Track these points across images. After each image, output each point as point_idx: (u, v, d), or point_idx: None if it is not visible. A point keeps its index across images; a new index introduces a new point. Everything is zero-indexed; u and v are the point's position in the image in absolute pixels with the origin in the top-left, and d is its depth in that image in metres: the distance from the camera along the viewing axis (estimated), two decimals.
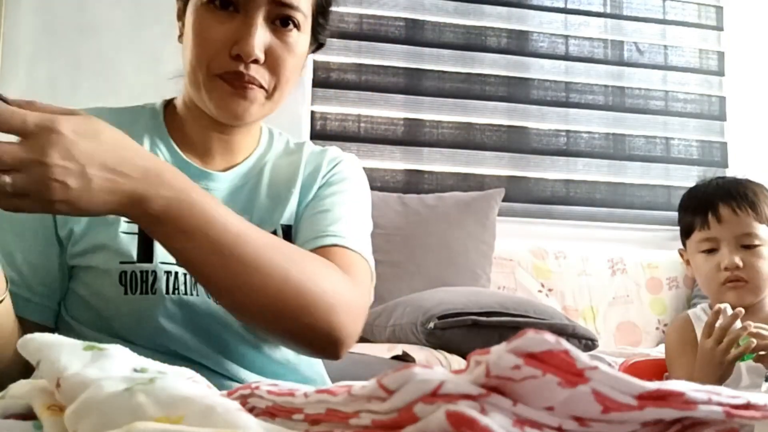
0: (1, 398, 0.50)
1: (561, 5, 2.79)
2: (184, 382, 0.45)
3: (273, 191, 1.02)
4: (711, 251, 1.52)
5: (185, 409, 0.40)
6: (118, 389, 0.42)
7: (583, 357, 0.32)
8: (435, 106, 2.63)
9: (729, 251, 1.49)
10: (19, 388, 0.50)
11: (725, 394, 0.36)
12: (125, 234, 0.91)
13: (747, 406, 0.36)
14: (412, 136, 2.60)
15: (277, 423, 0.42)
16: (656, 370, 1.55)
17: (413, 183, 2.56)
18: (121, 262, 0.89)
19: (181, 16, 0.98)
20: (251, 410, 0.44)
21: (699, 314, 1.55)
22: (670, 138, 2.82)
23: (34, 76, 2.20)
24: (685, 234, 1.59)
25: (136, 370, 0.47)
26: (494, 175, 2.65)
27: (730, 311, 1.35)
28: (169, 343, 0.90)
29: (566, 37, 2.78)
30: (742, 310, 1.35)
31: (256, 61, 0.90)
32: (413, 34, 2.63)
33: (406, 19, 2.63)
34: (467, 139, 2.64)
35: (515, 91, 2.70)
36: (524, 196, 2.65)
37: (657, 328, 2.41)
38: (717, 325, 1.36)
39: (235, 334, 0.93)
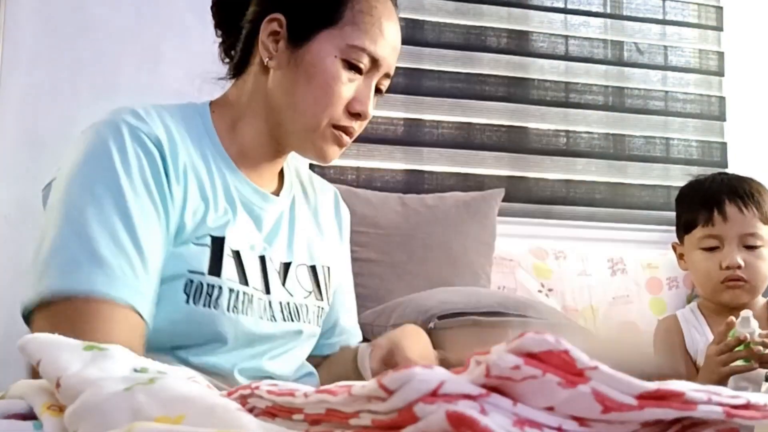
0: (1, 398, 0.50)
1: (561, 5, 2.78)
2: (184, 382, 0.45)
3: (308, 227, 1.10)
4: (712, 249, 1.51)
5: (185, 408, 0.40)
6: (118, 389, 0.42)
7: (583, 357, 0.32)
8: (435, 106, 2.62)
9: (731, 250, 1.48)
10: (19, 388, 0.50)
11: (725, 394, 0.36)
12: (195, 245, 0.92)
13: (747, 406, 0.36)
14: (412, 136, 2.59)
15: (277, 423, 0.42)
16: None
17: (413, 183, 2.56)
18: (190, 271, 0.90)
19: (277, 40, 1.01)
20: (251, 410, 0.44)
21: (687, 315, 1.54)
22: (670, 138, 2.82)
23: (34, 76, 2.19)
24: (685, 229, 1.57)
25: (136, 370, 0.47)
26: (494, 175, 2.64)
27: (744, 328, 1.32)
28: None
29: (566, 37, 2.78)
30: (762, 349, 1.31)
31: (363, 120, 1.02)
32: (413, 34, 2.63)
33: (406, 19, 2.62)
34: (467, 139, 2.64)
35: (515, 91, 2.70)
36: (524, 196, 2.65)
37: None
38: (728, 337, 1.32)
39: (274, 357, 0.99)
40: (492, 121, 2.67)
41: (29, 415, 0.48)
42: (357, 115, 1.00)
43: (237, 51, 1.06)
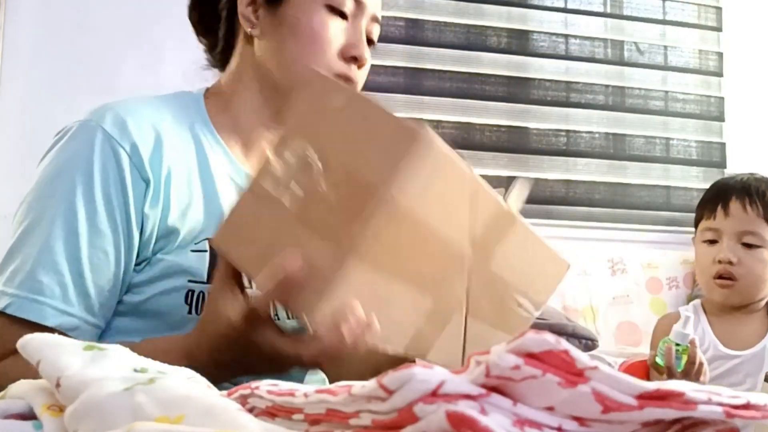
0: (1, 398, 0.50)
1: (561, 5, 2.78)
2: (184, 382, 0.45)
3: None
4: (712, 242, 1.51)
5: (185, 408, 0.40)
6: (118, 389, 0.42)
7: (582, 357, 0.32)
8: (435, 105, 2.62)
9: (727, 245, 1.48)
10: (19, 388, 0.50)
11: (725, 394, 0.36)
12: (194, 252, 0.88)
13: (747, 406, 0.36)
14: None
15: (277, 423, 0.42)
16: None
17: None
18: (190, 281, 0.87)
19: (256, 8, 0.97)
20: (251, 410, 0.44)
21: (689, 313, 1.55)
22: (670, 138, 2.82)
23: (34, 76, 2.19)
24: (695, 222, 1.59)
25: (136, 370, 0.47)
26: (494, 175, 2.64)
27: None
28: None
29: (566, 36, 2.78)
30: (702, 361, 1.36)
31: (361, 66, 0.96)
32: (413, 34, 2.63)
33: (406, 19, 2.63)
34: (467, 139, 2.64)
35: (515, 90, 2.70)
36: None
37: None
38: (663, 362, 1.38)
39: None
40: (492, 121, 2.67)
41: (29, 415, 0.47)
42: (353, 60, 0.95)
43: (220, 40, 1.02)
